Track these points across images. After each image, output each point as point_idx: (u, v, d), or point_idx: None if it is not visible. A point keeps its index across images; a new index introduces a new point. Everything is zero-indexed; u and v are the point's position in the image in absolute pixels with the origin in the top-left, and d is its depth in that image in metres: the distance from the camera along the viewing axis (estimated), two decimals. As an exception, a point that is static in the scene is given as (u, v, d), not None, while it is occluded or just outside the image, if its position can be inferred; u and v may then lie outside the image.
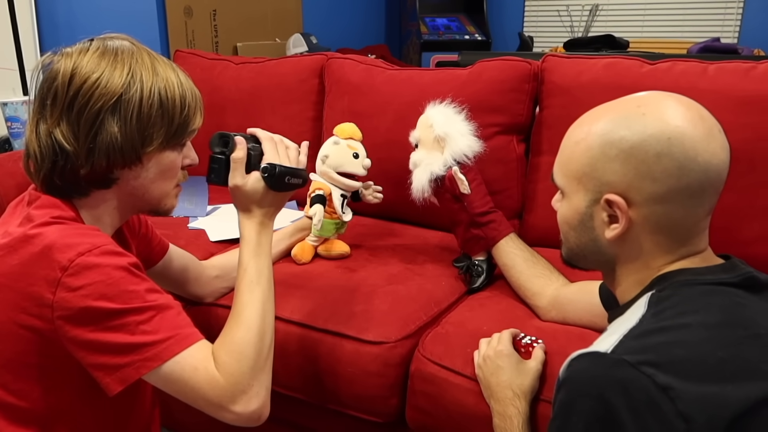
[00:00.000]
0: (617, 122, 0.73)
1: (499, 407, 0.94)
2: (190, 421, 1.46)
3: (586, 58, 1.49)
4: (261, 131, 0.97)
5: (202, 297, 1.24)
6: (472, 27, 3.86)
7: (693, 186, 0.71)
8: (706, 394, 0.61)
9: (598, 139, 0.74)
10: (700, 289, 0.71)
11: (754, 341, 0.66)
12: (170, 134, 0.87)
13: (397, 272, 1.33)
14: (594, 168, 0.74)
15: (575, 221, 0.79)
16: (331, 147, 1.36)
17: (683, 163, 0.70)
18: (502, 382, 0.96)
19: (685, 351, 0.64)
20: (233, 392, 0.81)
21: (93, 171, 0.84)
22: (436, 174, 1.25)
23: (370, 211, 1.67)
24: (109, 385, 0.79)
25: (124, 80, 0.82)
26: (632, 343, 0.66)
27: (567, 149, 0.79)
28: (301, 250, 1.38)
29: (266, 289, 0.91)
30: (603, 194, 0.74)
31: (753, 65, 1.33)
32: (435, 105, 1.31)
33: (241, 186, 0.92)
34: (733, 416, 0.61)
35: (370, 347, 1.11)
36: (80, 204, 0.88)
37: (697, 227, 0.74)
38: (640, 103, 0.74)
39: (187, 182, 0.98)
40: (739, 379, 0.63)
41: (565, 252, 0.85)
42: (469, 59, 1.77)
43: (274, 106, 1.85)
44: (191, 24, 2.50)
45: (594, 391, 0.63)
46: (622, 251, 0.77)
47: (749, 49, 2.88)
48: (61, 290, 0.77)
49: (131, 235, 1.05)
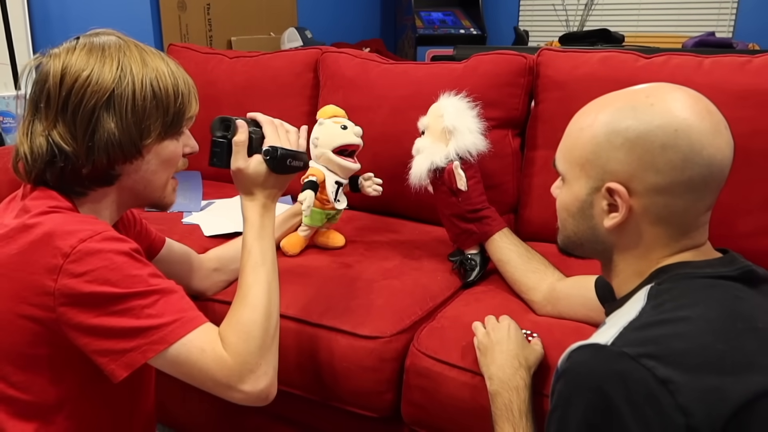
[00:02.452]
0: (624, 111, 0.73)
1: (504, 376, 0.93)
2: (186, 417, 1.46)
3: (582, 52, 1.49)
4: (261, 115, 0.97)
5: (202, 291, 1.23)
6: (467, 21, 3.85)
7: (695, 180, 0.70)
8: (706, 387, 0.61)
9: (604, 127, 0.73)
10: (699, 282, 0.71)
11: (753, 334, 0.66)
12: (167, 124, 0.87)
13: (392, 267, 1.33)
14: (598, 156, 0.74)
15: (574, 208, 0.78)
16: (318, 129, 1.36)
17: (688, 156, 0.69)
18: (509, 350, 0.96)
19: (685, 343, 0.64)
20: (241, 372, 0.82)
21: (95, 169, 0.84)
22: (437, 165, 1.24)
23: (366, 206, 1.67)
24: (114, 371, 0.79)
25: (114, 75, 0.82)
26: (632, 335, 0.66)
27: (571, 135, 0.78)
28: (291, 243, 1.38)
29: (271, 271, 0.92)
30: (605, 182, 0.73)
31: (748, 59, 1.33)
32: (450, 95, 1.30)
33: (243, 169, 0.93)
34: (733, 410, 0.61)
35: (365, 342, 1.11)
36: (78, 199, 0.88)
37: (697, 221, 0.74)
38: (649, 93, 0.74)
39: (180, 177, 0.97)
40: (739, 372, 0.63)
41: (561, 240, 0.84)
42: (464, 53, 1.76)
43: (268, 101, 1.84)
44: (185, 18, 2.48)
45: (593, 384, 0.64)
46: (620, 241, 0.76)
47: (744, 44, 2.89)
48: (63, 277, 0.77)
49: (126, 231, 1.04)
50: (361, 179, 1.38)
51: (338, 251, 1.42)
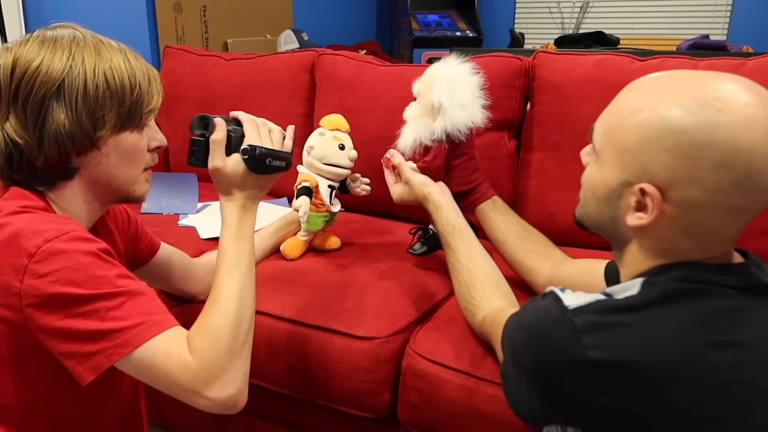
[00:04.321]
0: (687, 110, 0.64)
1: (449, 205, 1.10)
2: (181, 418, 1.46)
3: (577, 54, 1.50)
4: (243, 114, 0.95)
5: (195, 294, 1.23)
6: (463, 23, 3.86)
7: (739, 205, 0.64)
8: (635, 383, 0.63)
9: (659, 122, 0.65)
10: (695, 286, 0.67)
11: (729, 348, 0.64)
12: (123, 115, 0.84)
13: (388, 268, 1.33)
14: (642, 150, 0.66)
15: (601, 193, 0.73)
16: (316, 138, 1.34)
17: (740, 181, 0.62)
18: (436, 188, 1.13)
19: (637, 339, 0.64)
20: (206, 377, 0.79)
21: (48, 161, 0.82)
22: (420, 140, 1.17)
23: (362, 208, 1.67)
24: (81, 374, 0.77)
25: (65, 65, 0.81)
26: (597, 312, 0.67)
27: (618, 115, 0.70)
28: (291, 246, 1.38)
29: (246, 274, 0.88)
30: (641, 180, 0.67)
31: (742, 62, 1.34)
32: (448, 61, 1.18)
33: (220, 168, 0.90)
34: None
35: (361, 343, 1.11)
36: (50, 196, 0.86)
37: (724, 240, 0.69)
38: (721, 95, 0.63)
39: (176, 179, 0.97)
40: (689, 382, 0.63)
41: (579, 214, 0.79)
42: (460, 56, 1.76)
43: (264, 103, 1.84)
44: (181, 20, 2.48)
45: (536, 329, 0.71)
46: (638, 239, 0.72)
47: (738, 46, 2.90)
48: (28, 277, 0.75)
49: (119, 233, 1.04)
50: (349, 181, 1.37)
51: (334, 253, 1.42)
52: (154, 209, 1.71)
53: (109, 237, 1.00)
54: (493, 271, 1.03)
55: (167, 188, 1.79)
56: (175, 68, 2.07)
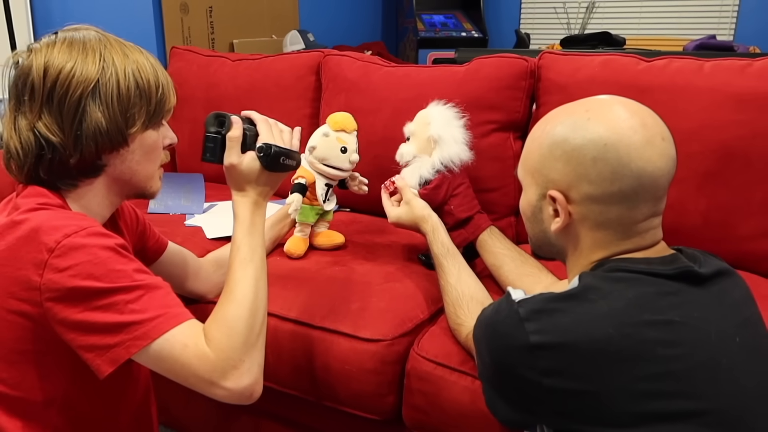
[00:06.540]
0: (565, 125, 0.79)
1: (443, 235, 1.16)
2: (188, 418, 1.47)
3: (583, 55, 1.49)
4: (255, 113, 0.98)
5: (203, 294, 1.23)
6: (468, 24, 3.86)
7: (626, 190, 0.76)
8: (579, 362, 0.70)
9: (548, 139, 0.81)
10: (626, 275, 0.76)
11: (662, 326, 0.71)
12: (150, 113, 0.89)
13: (394, 270, 1.33)
14: (543, 165, 0.81)
15: (529, 212, 0.86)
16: (319, 138, 1.34)
17: (616, 169, 0.75)
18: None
19: (572, 321, 0.72)
20: (224, 368, 0.81)
21: (82, 159, 0.85)
22: (425, 178, 1.26)
23: (367, 208, 1.68)
24: (100, 367, 0.79)
25: (98, 66, 0.84)
26: (538, 302, 0.75)
27: (527, 146, 0.86)
28: (293, 245, 1.38)
29: (259, 267, 0.91)
30: (548, 190, 0.81)
31: (749, 62, 1.33)
32: (438, 104, 1.31)
33: (236, 165, 0.93)
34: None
35: (367, 345, 1.11)
36: (67, 195, 0.88)
37: (636, 227, 0.79)
38: (589, 107, 0.80)
39: (183, 179, 0.98)
40: (624, 358, 0.69)
41: (530, 243, 0.92)
42: (465, 56, 1.76)
43: (270, 103, 1.85)
44: (187, 20, 2.49)
45: (488, 321, 0.81)
46: (566, 243, 0.84)
47: (745, 47, 2.89)
48: (48, 272, 0.77)
49: (128, 231, 1.05)
50: (348, 179, 1.38)
51: (340, 254, 1.42)
52: (161, 209, 1.72)
53: (120, 234, 1.01)
54: (480, 290, 1.10)
55: (174, 188, 1.79)
56: (181, 69, 2.08)
